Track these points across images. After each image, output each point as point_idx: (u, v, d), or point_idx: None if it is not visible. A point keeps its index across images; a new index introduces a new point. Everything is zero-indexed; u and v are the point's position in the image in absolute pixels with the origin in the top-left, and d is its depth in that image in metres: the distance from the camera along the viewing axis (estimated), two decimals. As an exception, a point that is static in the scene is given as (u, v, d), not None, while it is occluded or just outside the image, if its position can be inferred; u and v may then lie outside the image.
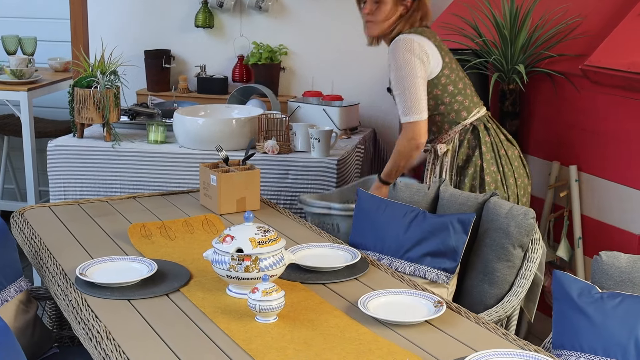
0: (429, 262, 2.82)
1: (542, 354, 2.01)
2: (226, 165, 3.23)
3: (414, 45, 3.18)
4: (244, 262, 2.28)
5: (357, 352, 2.02)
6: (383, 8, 3.24)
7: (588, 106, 3.43)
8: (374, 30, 3.29)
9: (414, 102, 3.15)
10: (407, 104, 3.16)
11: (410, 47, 3.17)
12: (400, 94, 3.17)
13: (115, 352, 2.01)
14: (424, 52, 3.19)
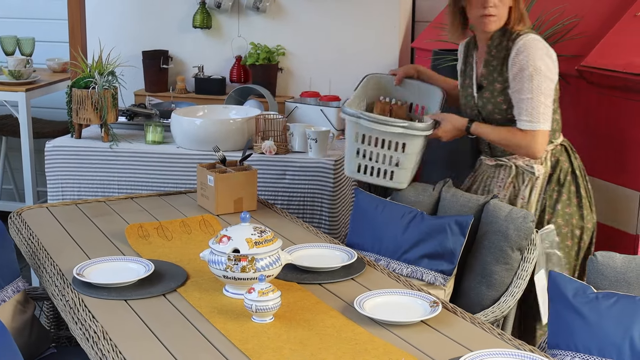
0: (427, 264, 2.82)
1: (537, 353, 2.02)
2: (223, 166, 3.24)
3: (550, 49, 2.95)
4: (241, 262, 2.29)
5: (353, 352, 2.03)
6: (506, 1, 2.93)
7: (584, 106, 3.43)
8: (494, 26, 2.94)
9: (546, 110, 2.90)
10: (538, 110, 2.88)
11: (548, 51, 2.93)
12: (533, 99, 2.87)
13: (112, 352, 2.02)
14: (555, 58, 2.97)
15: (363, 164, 3.16)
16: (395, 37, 4.53)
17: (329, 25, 4.60)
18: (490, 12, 2.91)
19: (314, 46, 4.64)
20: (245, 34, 4.71)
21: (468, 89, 3.09)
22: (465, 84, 3.12)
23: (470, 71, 3.09)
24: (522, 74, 2.88)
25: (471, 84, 3.07)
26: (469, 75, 3.09)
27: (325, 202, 3.78)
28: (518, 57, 2.89)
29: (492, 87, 2.98)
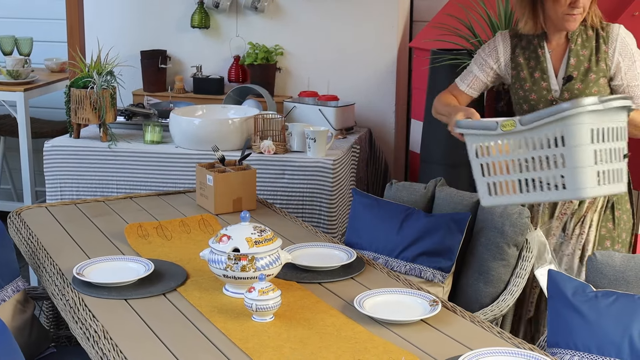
0: (425, 262, 2.83)
1: (537, 352, 2.03)
2: (222, 165, 3.24)
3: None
4: (241, 261, 2.29)
5: (353, 351, 2.03)
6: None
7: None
8: (577, 25, 2.82)
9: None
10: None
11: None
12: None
13: (112, 352, 2.02)
14: None
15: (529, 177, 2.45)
16: (394, 37, 4.53)
17: (327, 25, 4.60)
18: (578, 12, 2.80)
19: (312, 46, 4.64)
20: (244, 34, 4.71)
21: (541, 82, 2.89)
22: (536, 78, 2.90)
23: (543, 63, 2.89)
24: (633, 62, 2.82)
25: (547, 77, 2.88)
26: (540, 69, 2.89)
27: (324, 201, 3.78)
28: (625, 47, 2.82)
29: (586, 77, 2.83)
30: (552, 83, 2.88)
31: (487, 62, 3.01)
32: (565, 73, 2.85)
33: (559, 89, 2.87)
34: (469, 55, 3.79)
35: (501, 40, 2.99)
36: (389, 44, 4.54)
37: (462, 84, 3.06)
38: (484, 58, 3.02)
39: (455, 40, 3.88)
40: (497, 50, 2.99)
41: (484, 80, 3.03)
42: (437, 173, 3.68)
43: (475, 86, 3.04)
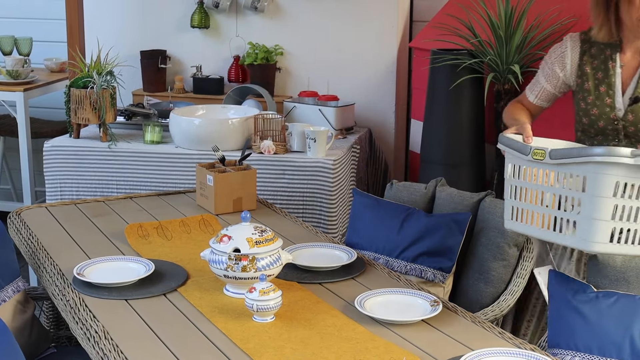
0: (425, 262, 2.83)
1: (538, 352, 2.02)
2: (222, 166, 3.24)
3: None
4: (241, 261, 2.29)
5: (354, 351, 2.03)
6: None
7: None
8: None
9: None
10: None
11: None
12: None
13: (113, 352, 2.02)
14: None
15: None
16: (394, 37, 4.53)
17: (327, 25, 4.60)
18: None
19: (312, 46, 4.64)
20: (244, 34, 4.71)
21: (605, 98, 2.63)
22: (601, 92, 2.65)
23: (612, 78, 2.63)
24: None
25: (613, 93, 2.63)
26: (607, 83, 2.63)
27: (324, 201, 3.78)
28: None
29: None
30: (617, 101, 2.62)
31: (553, 70, 2.78)
32: (633, 93, 2.60)
33: (623, 108, 2.61)
34: (470, 55, 3.80)
35: (570, 45, 2.75)
36: (389, 44, 4.54)
37: (530, 95, 2.87)
38: (550, 67, 2.80)
39: (455, 40, 3.88)
40: (565, 56, 2.76)
41: (552, 91, 2.82)
42: (437, 173, 3.68)
43: (543, 97, 2.85)
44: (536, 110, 2.88)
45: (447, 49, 3.90)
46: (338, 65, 4.61)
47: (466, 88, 3.82)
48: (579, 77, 2.72)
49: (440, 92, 3.89)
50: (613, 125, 2.61)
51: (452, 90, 3.82)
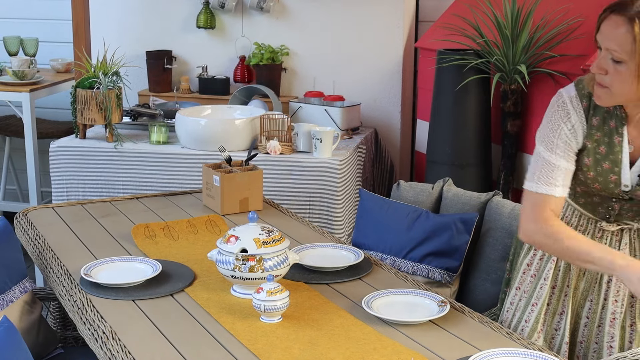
0: (432, 262, 2.83)
1: (546, 352, 2.02)
2: (229, 166, 3.24)
3: None
4: (249, 262, 2.29)
5: (362, 352, 2.03)
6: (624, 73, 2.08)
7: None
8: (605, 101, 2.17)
9: None
10: None
11: None
12: None
13: (121, 352, 2.02)
14: None
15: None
16: (399, 37, 4.53)
17: (333, 25, 4.60)
18: (599, 81, 2.13)
19: (318, 46, 4.64)
20: (249, 34, 4.71)
21: (610, 175, 2.23)
22: (604, 169, 2.23)
23: (618, 155, 2.21)
24: None
25: (619, 170, 2.22)
26: (611, 160, 2.22)
27: (330, 201, 3.78)
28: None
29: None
30: (624, 177, 2.23)
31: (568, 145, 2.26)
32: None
33: (630, 184, 2.23)
34: (476, 55, 3.79)
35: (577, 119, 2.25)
36: (395, 44, 4.54)
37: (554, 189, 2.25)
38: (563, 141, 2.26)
39: (462, 40, 3.88)
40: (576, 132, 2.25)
41: (572, 168, 2.28)
42: (443, 173, 3.68)
43: (568, 180, 2.28)
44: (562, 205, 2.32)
45: (453, 49, 3.89)
46: (344, 65, 4.61)
47: (472, 88, 3.82)
48: (581, 151, 2.29)
49: (447, 92, 3.88)
50: (617, 197, 2.28)
51: (458, 90, 3.81)
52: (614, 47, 2.04)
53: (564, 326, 2.36)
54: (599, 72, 2.10)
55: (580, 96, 2.25)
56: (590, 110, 2.24)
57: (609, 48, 2.06)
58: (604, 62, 2.08)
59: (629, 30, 2.01)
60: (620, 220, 2.32)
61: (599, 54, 2.10)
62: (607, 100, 2.14)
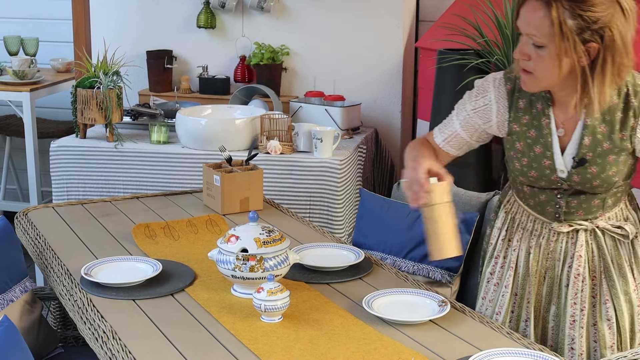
0: (433, 262, 2.82)
1: (547, 352, 2.02)
2: (229, 166, 3.24)
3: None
4: (249, 262, 2.29)
5: (363, 352, 2.03)
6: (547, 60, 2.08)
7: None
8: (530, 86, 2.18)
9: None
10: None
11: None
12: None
13: (121, 352, 2.02)
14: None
15: None
16: (400, 37, 4.53)
17: (333, 25, 4.60)
18: (523, 67, 2.14)
19: (318, 46, 4.64)
20: (250, 34, 4.71)
21: (543, 160, 2.25)
22: (537, 154, 2.25)
23: (548, 137, 2.24)
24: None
25: (551, 154, 2.24)
26: (542, 143, 2.24)
27: (330, 201, 3.78)
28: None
29: (604, 160, 2.20)
30: (558, 162, 2.24)
31: (473, 119, 2.35)
32: (576, 153, 2.21)
33: (566, 169, 2.24)
34: (476, 55, 3.79)
35: (495, 98, 2.30)
36: (395, 44, 4.54)
37: (438, 135, 2.41)
38: (470, 114, 2.35)
39: (462, 40, 3.88)
40: (489, 111, 2.32)
41: (467, 140, 2.39)
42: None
43: (454, 143, 2.40)
44: (444, 158, 2.42)
45: (453, 48, 3.89)
46: (344, 65, 4.61)
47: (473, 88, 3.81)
48: (509, 135, 2.32)
49: (447, 92, 3.88)
50: (557, 185, 2.28)
51: (458, 90, 3.81)
52: (533, 32, 2.05)
53: (530, 332, 2.39)
54: (522, 57, 2.10)
55: (506, 79, 2.29)
56: (515, 93, 2.27)
57: (529, 33, 2.07)
58: (526, 47, 2.09)
59: (546, 15, 2.01)
60: (571, 220, 2.33)
61: (521, 40, 2.10)
62: (532, 85, 2.15)
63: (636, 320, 2.36)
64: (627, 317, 2.34)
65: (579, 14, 1.99)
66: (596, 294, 2.35)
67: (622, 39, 2.03)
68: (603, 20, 2.00)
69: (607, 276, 2.33)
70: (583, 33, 2.00)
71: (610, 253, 2.33)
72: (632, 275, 2.35)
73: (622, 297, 2.32)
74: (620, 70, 2.06)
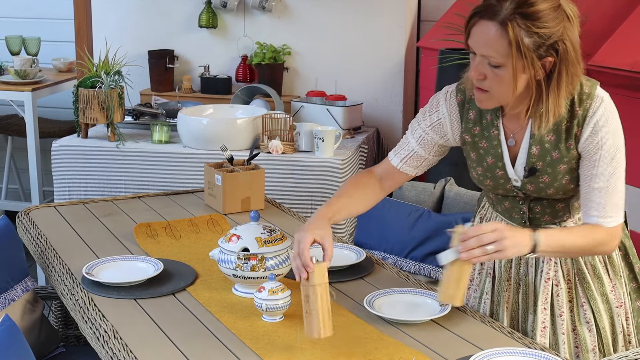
0: (434, 261, 2.83)
1: (548, 352, 2.02)
2: (231, 165, 3.24)
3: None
4: (250, 261, 2.29)
5: (364, 351, 2.03)
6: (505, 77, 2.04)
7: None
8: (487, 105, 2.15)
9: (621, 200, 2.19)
10: (616, 201, 2.16)
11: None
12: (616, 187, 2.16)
13: (122, 351, 2.02)
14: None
15: None
16: (402, 37, 4.53)
17: (335, 25, 4.60)
18: (479, 86, 2.09)
19: (320, 46, 4.64)
20: (251, 34, 4.71)
21: (496, 170, 2.26)
22: (489, 164, 2.26)
23: (498, 148, 2.24)
24: (601, 156, 2.12)
25: (503, 165, 2.24)
26: (493, 154, 2.25)
27: (332, 201, 3.77)
28: (597, 134, 2.11)
29: (555, 170, 2.18)
30: (510, 173, 2.24)
31: (429, 135, 2.33)
32: (526, 163, 2.20)
33: (519, 179, 2.23)
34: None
35: (447, 111, 2.29)
36: (397, 44, 4.54)
37: (394, 157, 2.37)
38: (425, 130, 2.33)
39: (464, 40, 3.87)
40: (443, 125, 2.31)
41: (425, 156, 2.36)
42: (444, 172, 3.67)
43: (413, 162, 2.37)
44: (403, 180, 2.41)
45: (455, 48, 3.89)
46: (346, 65, 4.61)
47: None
48: (463, 144, 2.32)
49: (448, 92, 3.88)
50: (514, 193, 2.28)
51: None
52: (490, 53, 2.01)
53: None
54: (479, 77, 2.06)
55: (457, 91, 2.27)
56: (465, 104, 2.26)
57: (485, 54, 2.02)
58: (481, 67, 2.05)
59: (503, 35, 1.98)
60: (538, 225, 2.31)
61: (475, 59, 2.06)
62: (488, 103, 2.13)
63: (616, 321, 2.34)
64: (607, 318, 2.32)
65: (535, 32, 1.97)
66: (572, 298, 2.33)
67: (574, 49, 2.02)
68: (556, 34, 1.99)
69: (581, 278, 2.31)
70: (539, 49, 1.98)
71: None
72: (608, 275, 2.33)
73: (598, 298, 2.30)
74: (573, 80, 2.06)
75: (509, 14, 1.97)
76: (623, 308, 2.35)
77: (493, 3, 2.00)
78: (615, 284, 2.34)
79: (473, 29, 2.04)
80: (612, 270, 2.34)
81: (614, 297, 2.33)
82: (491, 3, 2.00)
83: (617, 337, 2.34)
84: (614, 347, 2.34)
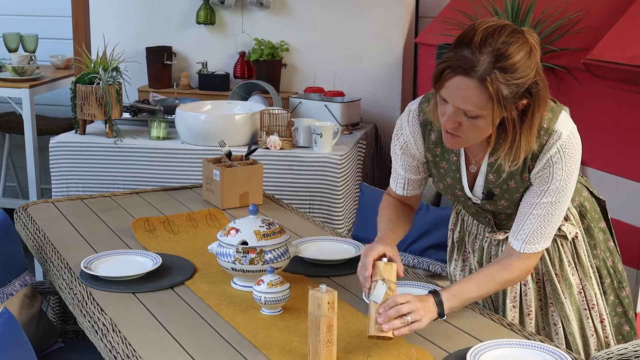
0: (433, 255, 2.83)
1: (548, 343, 2.02)
2: (229, 160, 3.24)
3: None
4: (249, 254, 2.29)
5: (363, 344, 2.02)
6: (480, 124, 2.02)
7: (590, 100, 3.43)
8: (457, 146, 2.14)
9: (553, 230, 2.17)
10: (548, 231, 2.14)
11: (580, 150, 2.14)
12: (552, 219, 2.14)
13: (121, 344, 2.02)
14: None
15: None
16: (399, 33, 4.53)
17: (333, 21, 4.60)
18: (451, 131, 2.06)
19: (318, 42, 4.64)
20: (249, 30, 4.71)
21: (455, 189, 2.29)
22: (449, 184, 2.30)
23: (456, 173, 2.25)
24: (549, 188, 2.11)
25: (461, 187, 2.27)
26: (452, 176, 2.27)
27: (330, 196, 3.78)
28: (548, 168, 2.10)
29: (512, 196, 2.19)
30: (468, 194, 2.27)
31: (405, 160, 2.34)
32: (484, 188, 2.23)
33: (479, 199, 2.26)
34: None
35: (410, 132, 2.28)
36: (395, 40, 4.54)
37: (398, 189, 2.40)
38: (400, 156, 2.34)
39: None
40: (409, 147, 2.30)
41: (417, 178, 2.36)
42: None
43: (413, 186, 2.38)
44: (414, 199, 2.43)
45: (453, 43, 3.88)
46: (344, 61, 4.61)
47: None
48: (426, 161, 2.34)
49: (447, 87, 3.87)
50: (476, 209, 2.32)
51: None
52: (468, 107, 1.96)
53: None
54: (454, 126, 2.02)
55: (419, 110, 2.25)
56: (427, 125, 2.23)
57: (463, 108, 1.97)
58: (457, 117, 2.00)
59: (483, 91, 1.92)
60: (506, 228, 2.32)
61: (447, 108, 2.00)
62: (459, 145, 2.10)
63: (586, 324, 2.32)
64: (575, 321, 2.31)
65: (514, 83, 1.93)
66: (542, 297, 2.33)
67: (544, 86, 2.00)
68: (531, 78, 1.96)
69: (548, 279, 2.31)
70: (516, 96, 1.96)
71: (551, 255, 2.29)
72: (578, 276, 2.32)
73: (565, 301, 2.29)
74: (542, 115, 2.04)
75: (487, 69, 1.91)
76: (596, 310, 2.33)
77: (468, 56, 1.92)
78: (585, 284, 2.32)
79: (449, 83, 1.97)
80: (582, 271, 2.32)
81: (581, 299, 2.32)
82: (466, 56, 1.93)
83: (588, 340, 2.32)
84: (585, 351, 2.33)
